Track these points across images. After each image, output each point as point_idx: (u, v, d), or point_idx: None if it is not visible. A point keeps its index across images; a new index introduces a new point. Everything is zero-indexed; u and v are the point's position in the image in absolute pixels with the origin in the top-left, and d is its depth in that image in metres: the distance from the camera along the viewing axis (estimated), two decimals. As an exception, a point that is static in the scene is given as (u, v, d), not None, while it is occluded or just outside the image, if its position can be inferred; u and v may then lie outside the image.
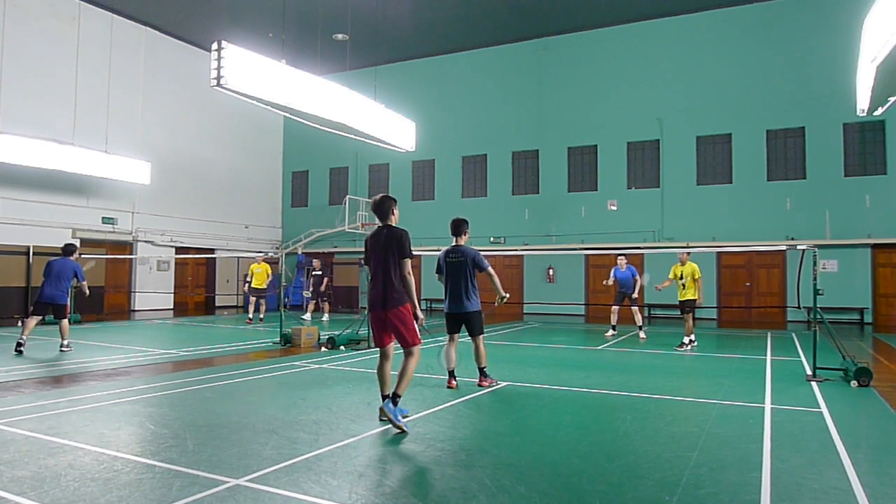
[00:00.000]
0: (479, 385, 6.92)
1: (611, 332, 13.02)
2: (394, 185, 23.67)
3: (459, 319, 6.95)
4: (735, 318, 18.24)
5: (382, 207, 5.31)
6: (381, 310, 5.12)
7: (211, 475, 3.80)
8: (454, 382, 6.84)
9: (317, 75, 10.43)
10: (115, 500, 3.39)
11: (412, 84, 22.92)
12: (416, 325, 5.17)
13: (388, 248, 5.14)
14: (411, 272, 5.16)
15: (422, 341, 5.26)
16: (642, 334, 12.55)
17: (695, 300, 11.01)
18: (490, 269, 6.91)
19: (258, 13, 19.07)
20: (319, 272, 17.14)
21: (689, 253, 11.21)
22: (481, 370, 7.03)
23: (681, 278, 11.02)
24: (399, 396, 5.03)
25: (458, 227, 7.02)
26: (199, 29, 20.85)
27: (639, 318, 12.81)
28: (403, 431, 4.87)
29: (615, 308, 13.16)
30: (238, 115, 22.77)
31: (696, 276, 10.97)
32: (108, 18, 19.22)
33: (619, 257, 13.06)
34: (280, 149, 26.16)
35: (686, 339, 10.93)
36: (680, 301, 11.16)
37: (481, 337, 7.00)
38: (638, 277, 12.83)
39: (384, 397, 5.17)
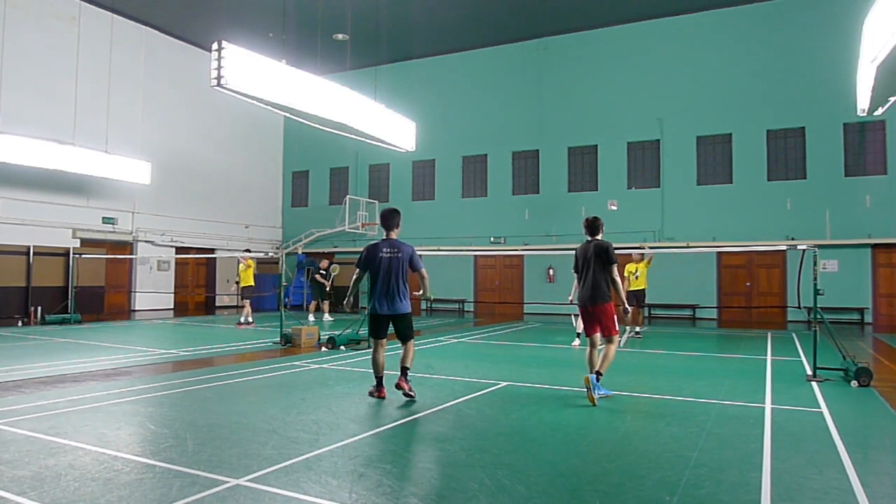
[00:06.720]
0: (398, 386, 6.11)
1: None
2: (394, 185, 23.67)
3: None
4: (735, 318, 18.22)
5: (595, 224, 6.64)
6: (590, 305, 6.37)
7: (211, 475, 3.81)
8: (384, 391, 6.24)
9: (317, 75, 10.42)
10: (116, 500, 3.39)
11: (412, 84, 22.91)
12: (615, 318, 6.41)
13: (595, 256, 6.38)
14: (618, 275, 6.48)
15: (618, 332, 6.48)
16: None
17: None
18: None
19: (258, 13, 19.07)
20: (324, 271, 17.47)
21: (642, 254, 12.53)
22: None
23: (635, 272, 12.22)
24: (601, 374, 6.23)
25: (391, 219, 6.33)
26: (199, 29, 20.85)
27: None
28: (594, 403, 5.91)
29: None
30: (238, 115, 22.76)
31: (649, 265, 12.44)
32: (108, 18, 19.21)
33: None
34: (280, 149, 26.15)
35: (638, 329, 12.39)
36: (637, 291, 12.18)
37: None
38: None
39: (597, 374, 6.20)
